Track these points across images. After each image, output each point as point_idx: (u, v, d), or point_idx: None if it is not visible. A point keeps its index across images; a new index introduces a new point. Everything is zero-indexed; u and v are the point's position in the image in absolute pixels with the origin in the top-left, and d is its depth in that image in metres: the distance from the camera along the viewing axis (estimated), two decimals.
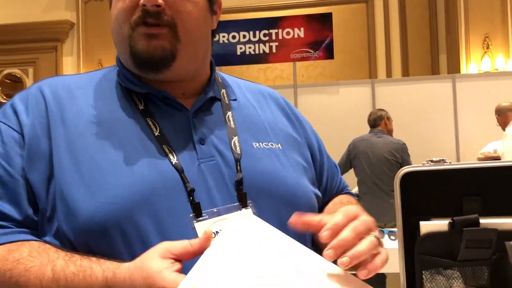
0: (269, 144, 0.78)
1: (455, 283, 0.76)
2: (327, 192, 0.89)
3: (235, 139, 0.76)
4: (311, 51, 5.29)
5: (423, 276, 0.78)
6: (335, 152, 3.91)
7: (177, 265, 0.58)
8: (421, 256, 0.77)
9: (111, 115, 0.73)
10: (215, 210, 0.66)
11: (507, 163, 0.78)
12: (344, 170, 3.82)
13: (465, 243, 0.73)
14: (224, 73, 0.90)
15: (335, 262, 0.61)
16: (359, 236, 0.63)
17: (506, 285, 0.74)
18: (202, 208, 0.67)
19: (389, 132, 3.91)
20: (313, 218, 0.65)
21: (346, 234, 0.62)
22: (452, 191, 0.79)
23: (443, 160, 0.77)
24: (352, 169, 3.84)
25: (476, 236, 0.73)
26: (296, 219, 0.65)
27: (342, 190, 0.93)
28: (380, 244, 0.65)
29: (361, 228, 0.63)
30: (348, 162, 3.83)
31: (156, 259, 0.59)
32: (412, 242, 0.79)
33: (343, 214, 0.64)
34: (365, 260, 0.62)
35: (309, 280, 0.59)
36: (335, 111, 5.23)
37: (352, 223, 0.63)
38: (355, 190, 3.89)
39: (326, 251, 0.60)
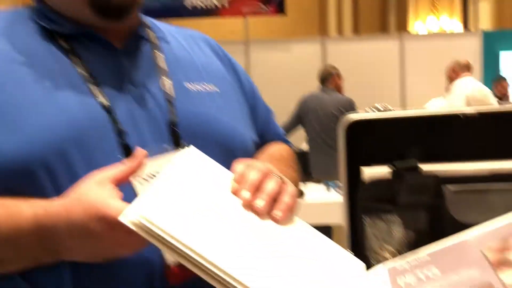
0: (204, 86, 0.76)
1: (395, 227, 0.78)
2: (263, 136, 0.87)
3: (167, 79, 0.72)
4: (262, 6, 5.19)
5: (365, 222, 0.79)
6: (286, 108, 3.94)
7: (119, 193, 0.55)
8: (363, 202, 0.78)
9: (32, 54, 0.67)
10: (148, 151, 0.62)
11: (446, 112, 0.79)
12: (293, 127, 3.85)
13: (406, 188, 0.74)
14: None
15: None
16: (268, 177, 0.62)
17: (442, 228, 0.76)
18: (133, 150, 0.64)
19: (339, 89, 3.95)
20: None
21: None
22: (395, 139, 0.79)
23: (386, 106, 0.77)
24: (302, 126, 3.87)
25: (416, 181, 0.74)
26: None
27: (277, 136, 0.92)
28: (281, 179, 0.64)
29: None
30: (298, 118, 3.86)
31: (95, 189, 0.55)
32: (355, 189, 0.80)
33: (261, 171, 0.62)
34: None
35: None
36: (287, 68, 5.23)
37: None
38: (304, 147, 3.95)
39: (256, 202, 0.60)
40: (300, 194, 0.75)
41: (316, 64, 4.92)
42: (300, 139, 3.97)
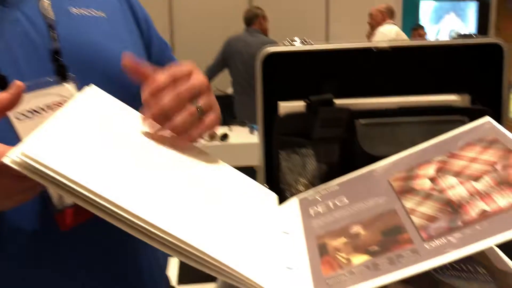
0: (90, 11, 0.68)
1: (309, 160, 0.79)
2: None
3: (46, 0, 0.64)
4: None
5: (280, 156, 0.80)
6: (212, 49, 3.85)
7: None
8: (279, 136, 0.79)
9: None
10: (27, 84, 0.55)
11: (360, 45, 0.80)
12: (218, 70, 3.79)
13: (320, 122, 0.75)
14: None
15: None
16: (182, 103, 0.59)
17: (353, 161, 0.79)
18: (10, 83, 0.56)
19: (264, 31, 3.90)
20: (146, 68, 0.61)
21: (167, 101, 0.58)
22: (311, 73, 0.79)
23: (304, 40, 0.76)
24: (227, 68, 3.82)
25: (330, 115, 0.75)
26: (130, 61, 0.60)
27: None
28: (202, 114, 0.61)
29: (185, 94, 0.58)
30: (223, 61, 3.79)
31: None
32: (271, 123, 0.80)
33: (169, 75, 0.59)
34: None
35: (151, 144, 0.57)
36: (211, 9, 5.06)
37: (178, 88, 0.58)
38: (230, 90, 3.91)
39: (145, 120, 0.57)
40: (224, 136, 0.74)
41: (241, 5, 4.81)
42: (225, 83, 3.93)
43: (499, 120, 0.81)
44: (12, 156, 0.45)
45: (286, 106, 0.78)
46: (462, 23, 6.56)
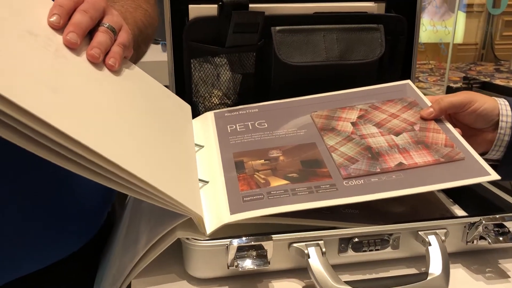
0: None
1: (223, 70, 0.75)
2: None
3: None
4: None
5: (192, 65, 0.74)
6: None
7: None
8: (189, 43, 0.72)
9: None
10: None
11: None
12: None
13: (233, 27, 0.70)
14: None
15: None
16: (94, 21, 0.54)
17: (268, 69, 0.75)
18: None
19: None
20: None
21: (79, 17, 0.52)
22: None
23: None
24: None
25: (244, 19, 0.70)
26: None
27: None
28: (114, 33, 0.56)
29: (92, 11, 0.53)
30: None
31: None
32: (181, 30, 0.73)
33: None
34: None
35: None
36: None
37: (80, 6, 0.52)
38: None
39: (67, 36, 0.50)
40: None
41: None
42: None
43: (413, 29, 0.81)
44: None
45: (197, 9, 0.71)
46: None
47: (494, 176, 0.57)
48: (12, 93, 0.38)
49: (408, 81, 0.75)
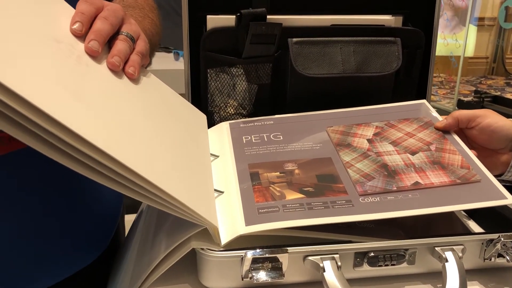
0: None
1: (239, 80, 0.75)
2: None
3: None
4: None
5: (208, 75, 0.74)
6: None
7: None
8: (206, 53, 0.73)
9: None
10: None
11: None
12: None
13: (251, 38, 0.70)
14: None
15: None
16: (114, 29, 0.54)
17: (284, 81, 0.76)
18: None
19: None
20: None
21: (100, 25, 0.52)
22: None
23: None
24: None
25: (262, 30, 0.70)
26: None
27: None
28: (133, 41, 0.57)
29: (113, 18, 0.54)
30: None
31: None
32: (198, 39, 0.73)
33: (88, 3, 0.53)
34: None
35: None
36: None
37: (101, 14, 0.53)
38: None
39: (89, 43, 0.51)
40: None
41: None
42: None
43: (429, 42, 0.80)
44: None
45: (215, 20, 0.71)
46: None
47: (511, 199, 0.56)
48: (39, 101, 0.38)
49: (424, 101, 0.75)
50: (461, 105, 2.41)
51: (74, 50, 0.49)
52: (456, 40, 3.17)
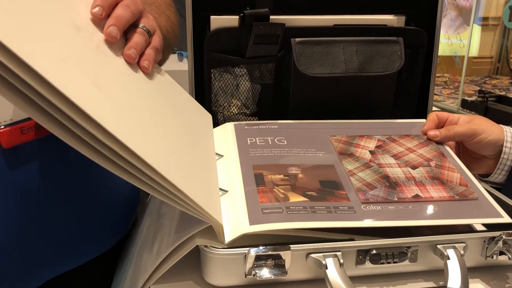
0: None
1: (242, 80, 0.76)
2: None
3: None
4: None
5: (212, 75, 0.75)
6: None
7: None
8: (210, 53, 0.73)
9: None
10: None
11: None
12: None
13: (254, 38, 0.71)
14: None
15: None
16: (134, 18, 0.55)
17: (287, 80, 0.76)
18: None
19: None
20: None
21: (121, 11, 0.53)
22: None
23: None
24: None
25: (265, 30, 0.71)
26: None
27: None
28: (149, 35, 0.58)
29: (134, 7, 0.54)
30: None
31: None
32: (202, 40, 0.74)
33: None
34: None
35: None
36: None
37: (123, 1, 0.54)
38: None
39: (108, 29, 0.51)
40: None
41: None
42: None
43: (432, 41, 0.81)
44: None
45: (218, 20, 0.72)
46: None
47: (507, 219, 0.58)
48: (64, 87, 0.39)
49: (424, 120, 0.77)
50: (465, 105, 2.40)
51: (94, 38, 0.50)
52: (460, 40, 3.17)
